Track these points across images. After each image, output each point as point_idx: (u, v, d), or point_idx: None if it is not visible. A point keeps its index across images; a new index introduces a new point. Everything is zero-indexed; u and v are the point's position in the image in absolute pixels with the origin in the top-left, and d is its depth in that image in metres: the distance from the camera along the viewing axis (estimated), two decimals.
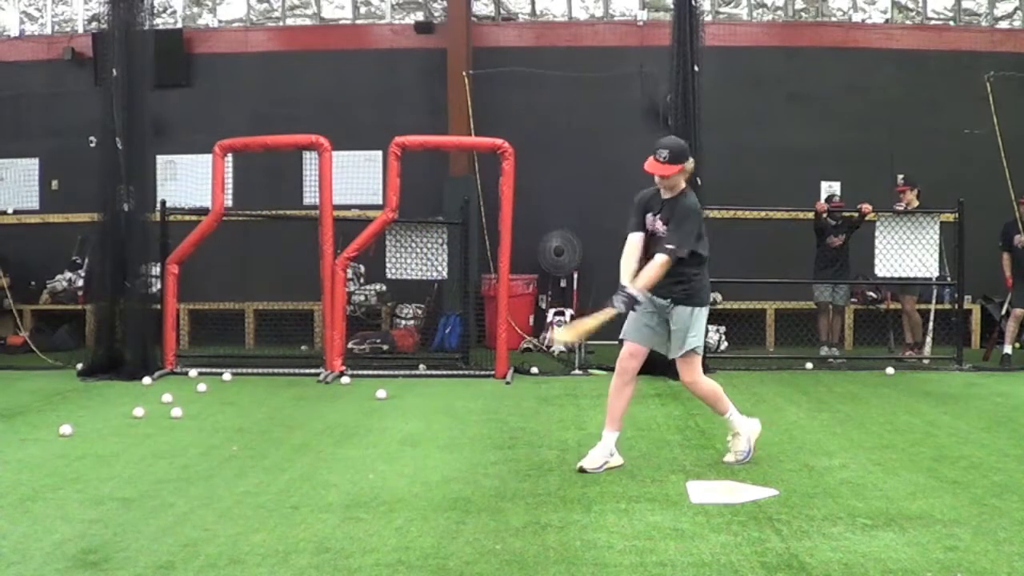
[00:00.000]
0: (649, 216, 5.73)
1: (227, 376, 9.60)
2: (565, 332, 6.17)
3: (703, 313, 5.78)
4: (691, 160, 5.75)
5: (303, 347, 12.18)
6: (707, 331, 6.64)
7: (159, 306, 10.18)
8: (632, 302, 5.47)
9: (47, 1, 14.05)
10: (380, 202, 11.16)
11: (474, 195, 12.40)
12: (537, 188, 12.06)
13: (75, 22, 13.98)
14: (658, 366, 8.09)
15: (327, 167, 10.10)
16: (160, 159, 12.18)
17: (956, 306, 11.04)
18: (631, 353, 5.77)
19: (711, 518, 4.65)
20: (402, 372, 10.17)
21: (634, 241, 5.75)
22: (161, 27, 13.00)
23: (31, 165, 13.64)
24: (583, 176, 13.01)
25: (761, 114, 12.84)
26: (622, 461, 5.74)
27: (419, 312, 12.68)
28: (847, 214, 11.16)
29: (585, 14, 13.72)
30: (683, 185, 5.71)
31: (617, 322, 5.80)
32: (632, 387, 5.81)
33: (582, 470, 5.60)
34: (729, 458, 5.88)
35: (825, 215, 11.09)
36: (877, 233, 10.95)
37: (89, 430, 6.90)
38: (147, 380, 9.34)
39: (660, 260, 5.53)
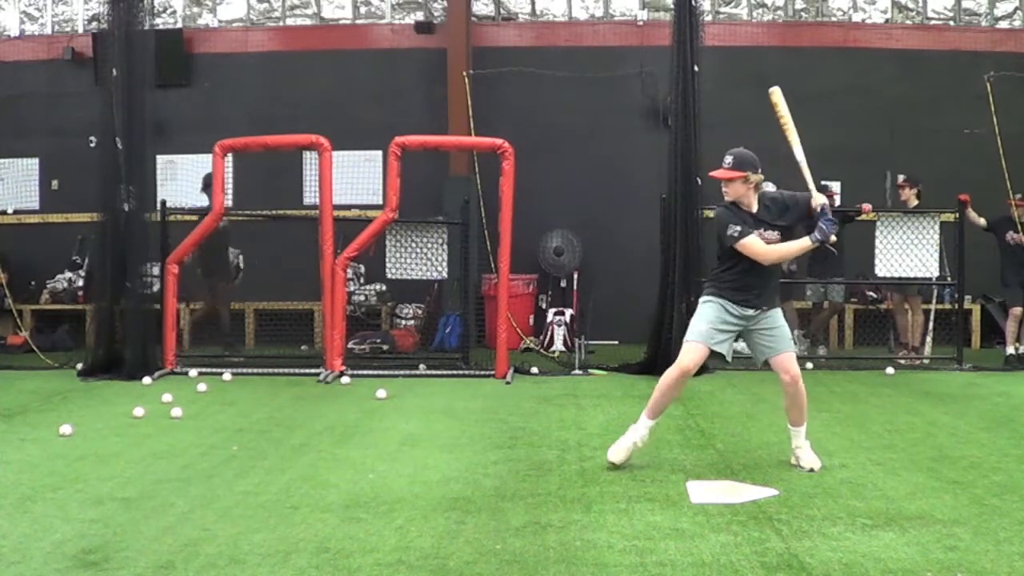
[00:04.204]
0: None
1: (227, 376, 9.59)
2: None
3: None
4: (759, 173, 5.69)
5: (303, 347, 12.18)
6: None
7: (159, 306, 10.18)
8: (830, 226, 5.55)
9: (47, 1, 14.05)
10: (380, 202, 11.16)
11: (474, 195, 12.40)
12: (537, 188, 12.05)
13: (75, 22, 13.98)
14: (659, 366, 8.09)
15: (327, 167, 10.09)
16: (160, 159, 12.13)
17: (956, 306, 11.04)
18: (702, 356, 5.72)
19: (711, 518, 4.65)
20: (402, 372, 10.16)
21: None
22: (161, 27, 13.00)
23: (31, 165, 13.64)
24: (583, 176, 13.01)
25: (761, 114, 12.75)
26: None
27: (419, 312, 12.68)
28: (849, 213, 11.18)
29: (585, 14, 13.72)
30: (752, 194, 5.71)
31: (616, 320, 5.82)
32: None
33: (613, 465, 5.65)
34: (806, 464, 5.70)
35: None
36: (877, 233, 10.95)
37: (89, 430, 6.89)
38: (147, 380, 9.33)
39: (805, 243, 5.68)
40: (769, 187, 5.81)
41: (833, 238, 5.60)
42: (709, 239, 8.78)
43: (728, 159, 5.68)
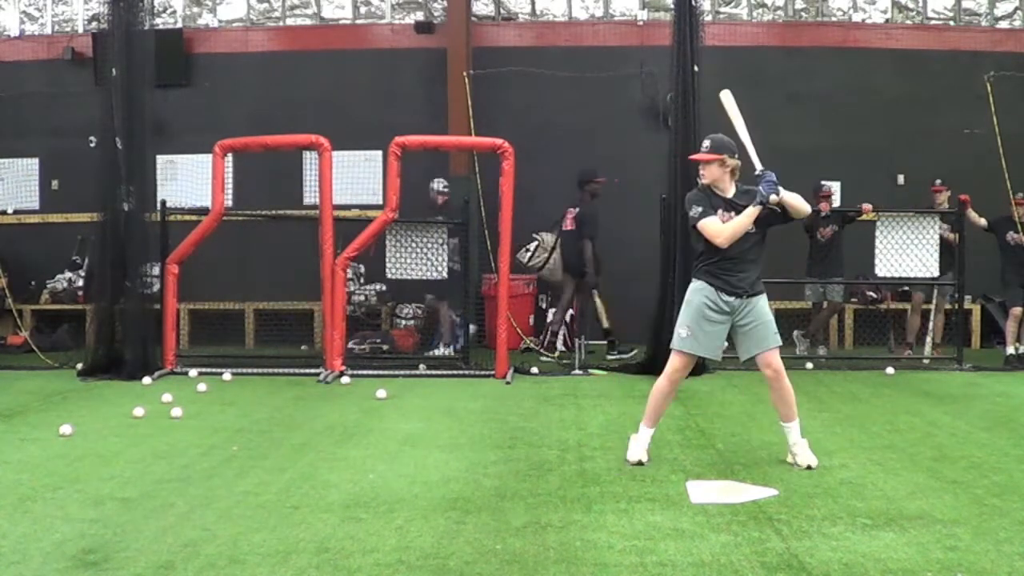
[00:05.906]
0: (720, 212, 5.73)
1: (227, 376, 9.60)
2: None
3: None
4: (736, 159, 5.75)
5: (303, 347, 12.18)
6: None
7: (159, 306, 10.18)
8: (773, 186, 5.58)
9: (47, 1, 14.05)
10: (380, 202, 11.16)
11: (474, 195, 12.40)
12: (537, 188, 12.05)
13: (75, 22, 13.98)
14: (658, 366, 8.07)
15: (327, 167, 10.10)
16: (160, 159, 12.15)
17: (956, 306, 11.04)
18: (686, 365, 5.86)
19: (711, 518, 4.65)
20: (402, 372, 10.16)
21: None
22: (161, 27, 12.99)
23: (31, 165, 13.64)
24: None
25: (761, 114, 12.65)
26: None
27: (419, 312, 12.67)
28: (849, 213, 11.19)
29: (585, 14, 13.72)
30: (729, 179, 5.77)
31: (617, 320, 5.82)
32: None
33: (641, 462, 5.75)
34: (803, 462, 5.73)
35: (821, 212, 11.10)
36: (877, 233, 10.95)
37: (89, 430, 6.89)
38: (147, 380, 9.33)
39: (751, 211, 5.61)
40: None
41: (775, 197, 5.63)
42: None
43: (706, 143, 5.77)
